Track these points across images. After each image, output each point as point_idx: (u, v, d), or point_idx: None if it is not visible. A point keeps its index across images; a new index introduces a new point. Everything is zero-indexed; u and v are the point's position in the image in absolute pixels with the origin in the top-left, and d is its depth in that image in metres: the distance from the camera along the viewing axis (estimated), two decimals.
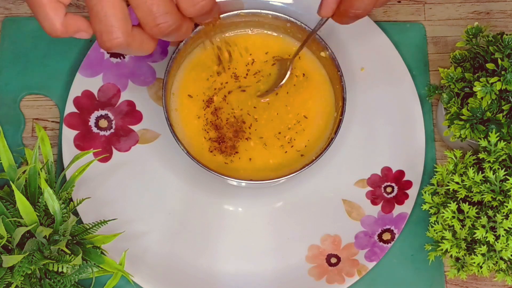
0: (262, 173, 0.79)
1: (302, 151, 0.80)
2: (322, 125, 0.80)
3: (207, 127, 0.80)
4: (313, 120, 0.80)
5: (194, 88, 0.81)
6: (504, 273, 0.72)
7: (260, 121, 0.80)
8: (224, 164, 0.79)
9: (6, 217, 0.72)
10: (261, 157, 0.79)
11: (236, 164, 0.79)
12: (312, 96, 0.81)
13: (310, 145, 0.80)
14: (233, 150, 0.79)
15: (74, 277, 0.73)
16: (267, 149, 0.79)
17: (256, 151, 0.79)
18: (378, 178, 0.82)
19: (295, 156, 0.80)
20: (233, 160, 0.79)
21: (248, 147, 0.79)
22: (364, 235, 0.81)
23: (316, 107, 0.81)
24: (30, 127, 0.83)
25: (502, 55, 0.72)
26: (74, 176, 0.77)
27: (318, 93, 0.81)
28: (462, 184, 0.72)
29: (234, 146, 0.79)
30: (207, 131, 0.80)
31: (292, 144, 0.80)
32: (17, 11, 0.86)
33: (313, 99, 0.81)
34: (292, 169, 0.77)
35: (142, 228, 0.80)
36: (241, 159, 0.79)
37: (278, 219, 0.82)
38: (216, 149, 0.79)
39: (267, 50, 0.82)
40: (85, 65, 0.83)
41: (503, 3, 0.89)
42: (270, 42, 0.82)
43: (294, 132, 0.80)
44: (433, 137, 0.85)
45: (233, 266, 0.80)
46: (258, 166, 0.79)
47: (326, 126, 0.80)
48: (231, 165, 0.79)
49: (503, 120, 0.72)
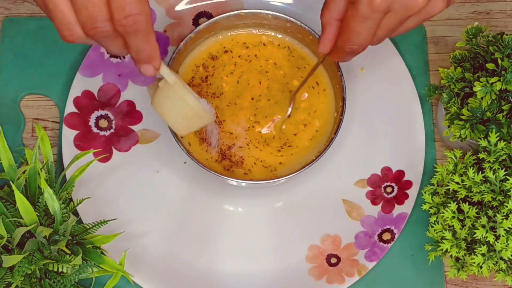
0: (262, 173, 0.79)
1: (302, 150, 0.80)
2: (322, 125, 0.80)
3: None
4: (313, 120, 0.80)
5: (193, 88, 0.81)
6: (504, 273, 0.72)
7: (260, 121, 0.80)
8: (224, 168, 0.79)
9: (6, 217, 0.72)
10: (261, 157, 0.79)
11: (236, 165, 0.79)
12: (312, 96, 0.81)
13: (310, 145, 0.80)
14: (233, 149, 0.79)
15: (74, 277, 0.73)
16: (267, 149, 0.79)
17: (256, 151, 0.79)
18: (378, 178, 0.82)
19: (295, 156, 0.80)
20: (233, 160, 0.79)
21: (248, 147, 0.79)
22: (364, 235, 0.81)
23: (316, 107, 0.81)
24: (30, 127, 0.83)
25: (502, 55, 0.72)
26: (74, 176, 0.77)
27: (318, 93, 0.81)
28: (462, 184, 0.72)
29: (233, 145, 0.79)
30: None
31: (291, 144, 0.80)
32: (17, 11, 0.86)
33: (313, 99, 0.81)
34: (292, 169, 0.77)
35: (142, 228, 0.80)
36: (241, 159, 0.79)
37: (278, 219, 0.82)
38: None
39: (268, 50, 0.82)
40: (85, 65, 0.83)
41: (503, 3, 0.89)
42: (271, 43, 0.83)
43: (295, 132, 0.80)
44: (433, 137, 0.85)
45: (233, 266, 0.80)
46: (258, 166, 0.79)
47: (326, 126, 0.80)
48: (231, 167, 0.79)
49: (503, 120, 0.72)
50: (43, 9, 0.59)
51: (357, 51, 0.66)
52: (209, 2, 0.85)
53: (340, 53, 0.67)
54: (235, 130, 0.79)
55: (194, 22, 0.85)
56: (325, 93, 0.81)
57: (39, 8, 0.86)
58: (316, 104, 0.81)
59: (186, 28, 0.85)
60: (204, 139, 0.78)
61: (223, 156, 0.79)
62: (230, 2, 0.85)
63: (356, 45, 0.65)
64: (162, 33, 0.85)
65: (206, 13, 0.85)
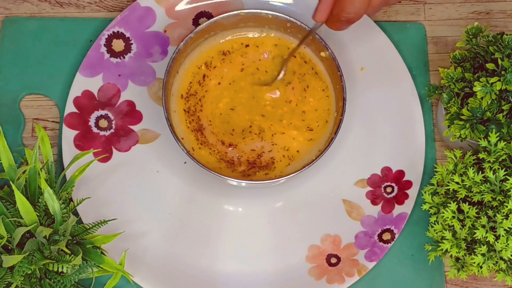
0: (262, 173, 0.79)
1: (302, 151, 0.80)
2: (322, 125, 0.80)
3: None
4: (313, 120, 0.81)
5: (193, 88, 0.81)
6: (504, 273, 0.72)
7: (260, 122, 0.80)
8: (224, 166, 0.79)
9: (6, 217, 0.72)
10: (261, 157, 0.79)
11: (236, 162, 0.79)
12: (312, 96, 0.81)
13: (310, 144, 0.80)
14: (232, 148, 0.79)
15: (74, 277, 0.73)
16: (268, 148, 0.80)
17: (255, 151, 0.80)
18: (378, 178, 0.82)
19: (295, 156, 0.80)
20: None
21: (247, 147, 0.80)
22: (364, 235, 0.81)
23: (316, 107, 0.81)
24: (30, 127, 0.83)
25: (502, 55, 0.72)
26: (74, 176, 0.77)
27: (318, 93, 0.81)
28: (462, 184, 0.72)
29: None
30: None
31: (293, 144, 0.80)
32: (17, 11, 0.86)
33: (313, 99, 0.81)
34: (292, 169, 0.77)
35: (142, 228, 0.80)
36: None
37: (278, 219, 0.82)
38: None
39: (268, 50, 0.82)
40: (85, 65, 0.83)
41: (503, 3, 0.89)
42: (270, 42, 0.83)
43: (295, 133, 0.80)
44: (433, 137, 0.85)
45: (233, 266, 0.80)
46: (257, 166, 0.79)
47: (326, 126, 0.80)
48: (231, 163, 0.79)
49: (503, 120, 0.72)
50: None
51: (353, 20, 0.68)
52: (209, 2, 0.85)
53: (336, 22, 0.69)
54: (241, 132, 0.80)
55: (194, 22, 0.85)
56: (325, 93, 0.81)
57: (39, 8, 0.86)
58: (316, 104, 0.81)
59: (186, 28, 0.85)
60: None
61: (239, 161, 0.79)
62: (230, 2, 0.85)
63: (351, 14, 0.67)
64: (162, 33, 0.85)
65: (206, 13, 0.85)
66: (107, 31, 0.84)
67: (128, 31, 0.84)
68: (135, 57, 0.84)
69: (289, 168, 0.79)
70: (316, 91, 0.81)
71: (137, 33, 0.84)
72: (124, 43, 0.84)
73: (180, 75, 0.81)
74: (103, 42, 0.83)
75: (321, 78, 0.82)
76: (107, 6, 0.87)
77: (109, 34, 0.84)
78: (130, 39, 0.84)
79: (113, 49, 0.84)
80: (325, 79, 0.82)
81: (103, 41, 0.83)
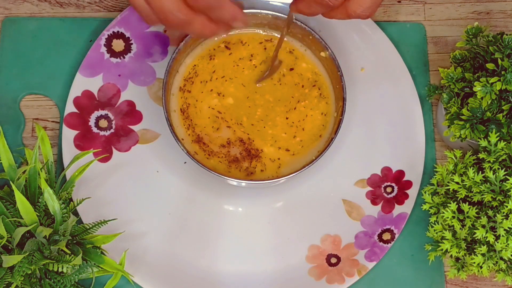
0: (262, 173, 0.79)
1: (302, 151, 0.80)
2: (322, 125, 0.80)
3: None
4: (313, 120, 0.81)
5: (193, 88, 0.81)
6: (504, 273, 0.72)
7: (260, 122, 0.80)
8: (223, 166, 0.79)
9: (6, 217, 0.72)
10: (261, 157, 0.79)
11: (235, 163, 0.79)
12: (312, 96, 0.81)
13: (309, 144, 0.80)
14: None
15: (74, 277, 0.73)
16: (267, 148, 0.80)
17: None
18: (378, 178, 0.82)
19: (295, 156, 0.80)
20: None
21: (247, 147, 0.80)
22: (364, 235, 0.81)
23: (316, 107, 0.81)
24: (30, 127, 0.83)
25: (502, 55, 0.72)
26: (74, 176, 0.77)
27: (318, 93, 0.81)
28: (462, 184, 0.72)
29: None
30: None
31: (292, 144, 0.80)
32: (17, 11, 0.86)
33: (313, 99, 0.81)
34: (292, 169, 0.77)
35: (142, 228, 0.80)
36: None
37: (278, 219, 0.82)
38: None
39: (268, 50, 0.82)
40: (85, 65, 0.83)
41: (503, 3, 0.89)
42: (270, 43, 0.83)
43: (295, 132, 0.80)
44: (433, 137, 0.85)
45: (233, 266, 0.80)
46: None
47: (326, 126, 0.80)
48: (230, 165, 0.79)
49: (503, 120, 0.72)
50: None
51: (327, 5, 0.67)
52: None
53: (309, 4, 0.69)
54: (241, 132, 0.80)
55: None
56: (325, 93, 0.81)
57: (39, 8, 0.86)
58: (316, 104, 0.81)
59: None
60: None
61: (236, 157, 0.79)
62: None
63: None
64: (162, 33, 0.85)
65: None
66: (107, 31, 0.84)
67: (128, 31, 0.84)
68: (135, 57, 0.84)
69: (289, 169, 0.79)
70: (312, 97, 0.81)
71: (137, 33, 0.84)
72: (124, 43, 0.84)
73: (180, 75, 0.81)
74: (103, 42, 0.83)
75: (321, 78, 0.82)
76: (107, 6, 0.87)
77: (109, 34, 0.84)
78: (130, 39, 0.84)
79: (113, 49, 0.84)
80: (325, 79, 0.82)
81: (103, 41, 0.83)
